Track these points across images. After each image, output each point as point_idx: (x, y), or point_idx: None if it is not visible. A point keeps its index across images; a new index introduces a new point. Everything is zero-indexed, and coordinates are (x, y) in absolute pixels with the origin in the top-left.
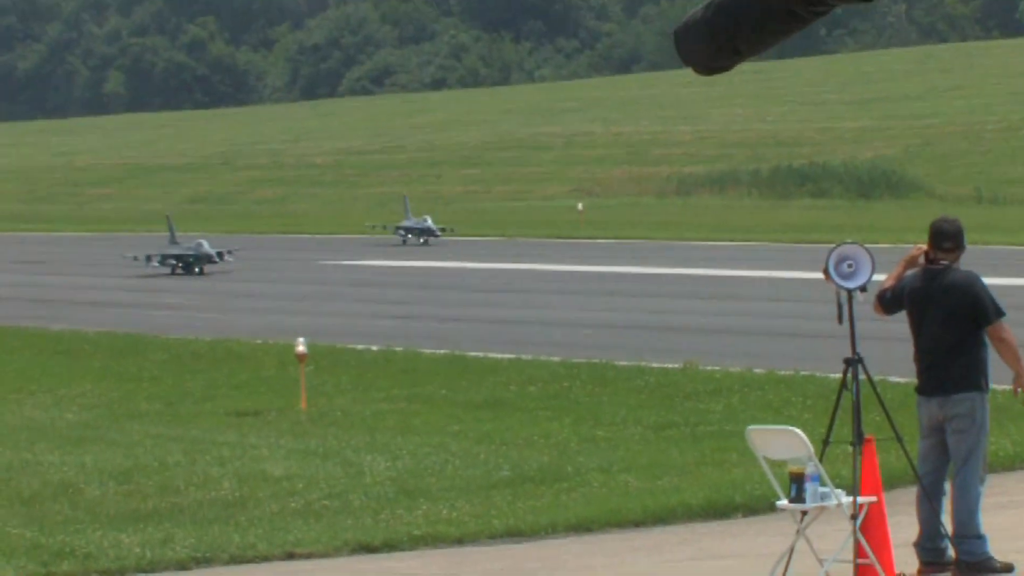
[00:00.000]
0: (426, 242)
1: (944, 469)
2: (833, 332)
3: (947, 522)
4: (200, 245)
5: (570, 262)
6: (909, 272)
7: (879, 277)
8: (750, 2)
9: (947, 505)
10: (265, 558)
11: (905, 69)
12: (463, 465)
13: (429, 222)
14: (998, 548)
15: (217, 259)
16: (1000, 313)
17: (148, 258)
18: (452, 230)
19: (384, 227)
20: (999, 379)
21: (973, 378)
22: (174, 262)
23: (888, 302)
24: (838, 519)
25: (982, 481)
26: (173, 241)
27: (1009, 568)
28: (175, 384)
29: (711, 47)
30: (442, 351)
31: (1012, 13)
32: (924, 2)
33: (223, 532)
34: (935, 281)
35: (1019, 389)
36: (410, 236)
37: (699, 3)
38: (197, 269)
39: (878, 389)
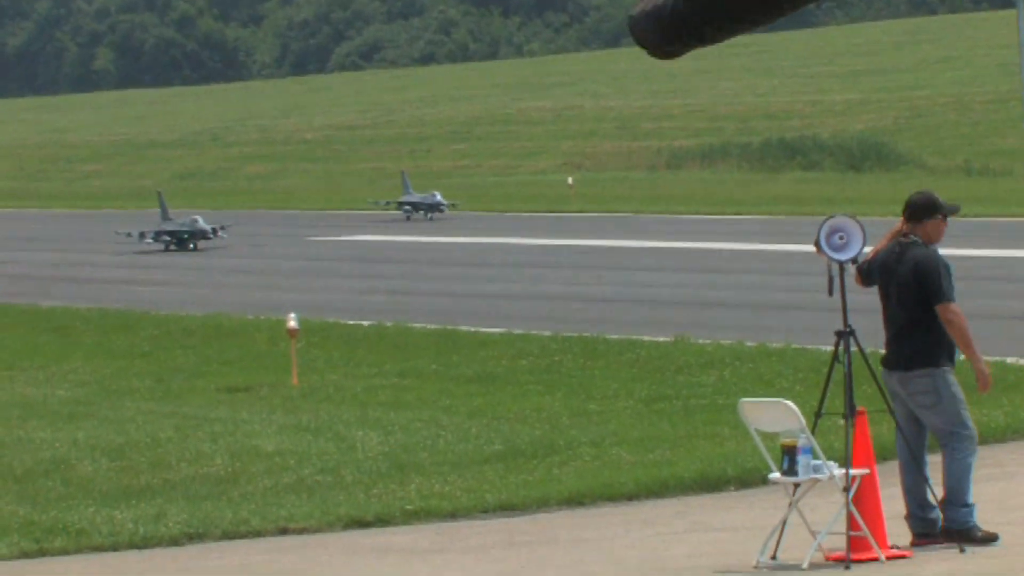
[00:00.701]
0: (431, 217)
1: (921, 439)
2: (824, 304)
3: (937, 492)
4: (195, 221)
5: (560, 236)
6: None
7: (870, 249)
8: None
9: (937, 477)
10: (258, 533)
11: (894, 41)
12: (455, 440)
13: (438, 197)
14: (989, 519)
15: (211, 235)
16: (948, 296)
17: (142, 235)
18: (456, 205)
19: (388, 203)
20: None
21: (933, 354)
22: (168, 238)
23: (864, 274)
24: (831, 491)
25: (972, 453)
26: (166, 217)
27: (992, 538)
28: (167, 360)
29: (675, 33)
30: (433, 326)
31: None
32: None
33: (216, 508)
34: (899, 255)
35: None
36: (416, 211)
37: None
38: (191, 245)
39: (870, 361)
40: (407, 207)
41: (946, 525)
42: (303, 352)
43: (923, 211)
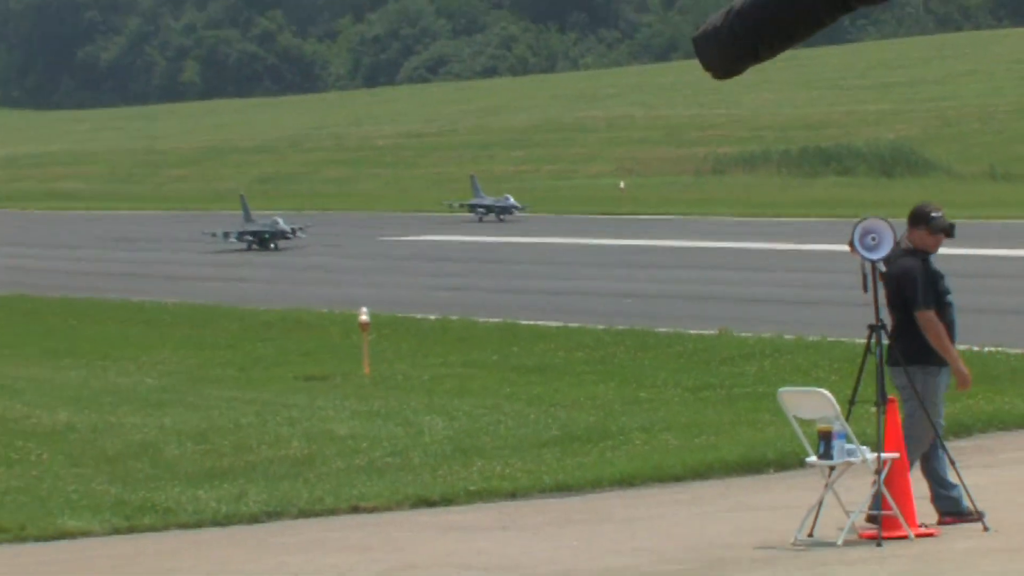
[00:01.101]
0: (503, 219)
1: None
2: (857, 300)
3: (950, 473)
4: (276, 222)
5: (613, 236)
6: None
7: None
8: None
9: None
10: (332, 511)
11: (923, 56)
12: (515, 425)
13: (511, 200)
14: (980, 504)
15: (291, 235)
16: (922, 304)
17: (226, 234)
18: (527, 207)
19: (461, 205)
20: (1018, 343)
21: (920, 354)
22: (251, 238)
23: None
24: (863, 474)
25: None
26: (248, 218)
27: (979, 516)
28: (248, 351)
29: (732, 53)
30: (495, 320)
31: (1021, 4)
32: None
33: (293, 487)
34: (893, 261)
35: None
36: (489, 213)
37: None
38: (272, 245)
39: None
40: (480, 209)
41: (936, 506)
42: (374, 344)
43: (912, 220)
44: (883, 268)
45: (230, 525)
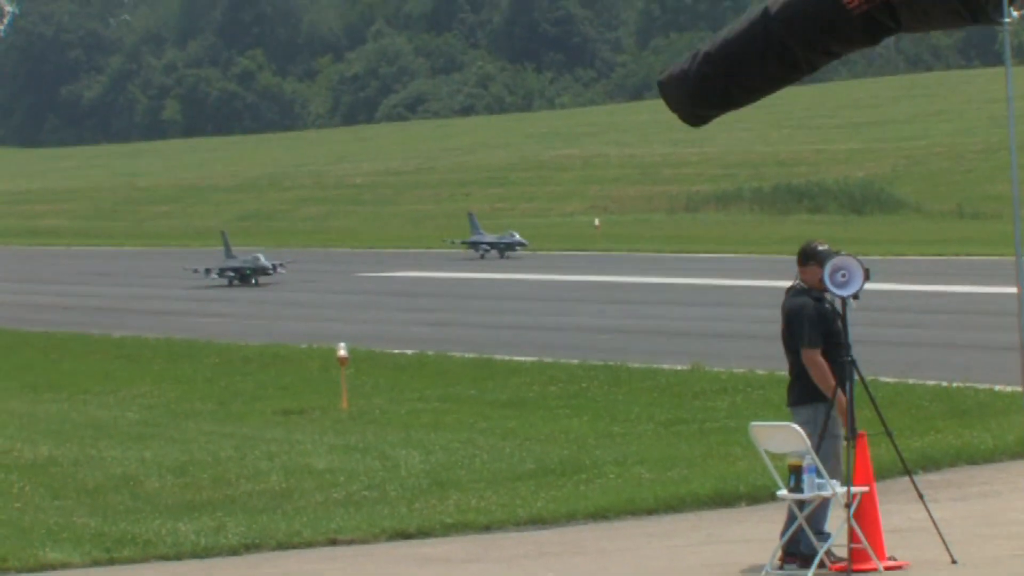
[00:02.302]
0: (506, 256)
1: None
2: None
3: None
4: (257, 259)
5: (588, 273)
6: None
7: (870, 286)
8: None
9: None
10: (309, 544)
11: (893, 95)
12: (490, 459)
13: (516, 236)
14: (978, 534)
15: (271, 271)
16: (807, 343)
17: (208, 271)
18: (529, 244)
19: (462, 242)
20: (983, 378)
21: (811, 392)
22: (232, 274)
23: None
24: (834, 507)
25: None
26: (229, 255)
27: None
28: (227, 385)
29: (702, 94)
30: (470, 355)
31: (991, 44)
32: (910, 34)
33: (271, 520)
34: (785, 301)
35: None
36: (492, 250)
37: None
38: (253, 280)
39: (869, 388)
40: (484, 246)
41: (802, 548)
42: (352, 378)
43: (802, 258)
44: (853, 304)
45: (209, 557)
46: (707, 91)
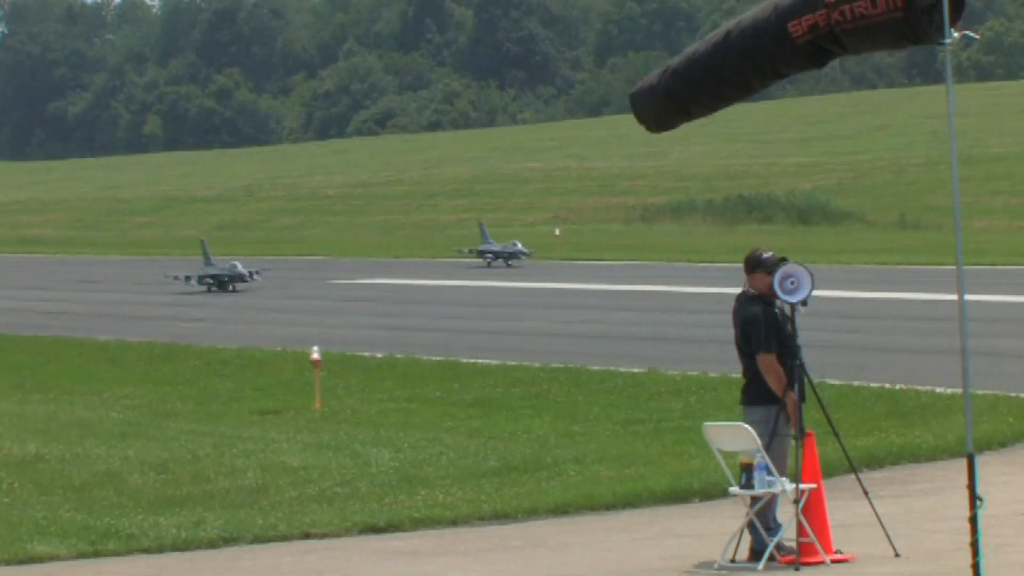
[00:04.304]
0: (510, 265)
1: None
2: None
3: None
4: (234, 266)
5: (549, 280)
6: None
7: (817, 293)
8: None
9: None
10: (284, 538)
11: (839, 112)
12: (456, 456)
13: (519, 245)
14: (923, 529)
15: (248, 278)
16: (763, 347)
17: (187, 278)
18: (533, 253)
19: (471, 251)
20: (923, 381)
21: (765, 393)
22: (210, 281)
23: None
24: (783, 503)
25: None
26: (208, 263)
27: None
28: (206, 387)
29: (667, 108)
30: (438, 358)
31: (932, 63)
32: (856, 55)
33: (248, 515)
34: (737, 309)
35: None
36: (497, 259)
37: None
38: (231, 287)
39: (817, 390)
40: (489, 255)
41: (755, 545)
42: (325, 380)
43: (749, 266)
44: (802, 310)
45: (189, 550)
46: (671, 104)
